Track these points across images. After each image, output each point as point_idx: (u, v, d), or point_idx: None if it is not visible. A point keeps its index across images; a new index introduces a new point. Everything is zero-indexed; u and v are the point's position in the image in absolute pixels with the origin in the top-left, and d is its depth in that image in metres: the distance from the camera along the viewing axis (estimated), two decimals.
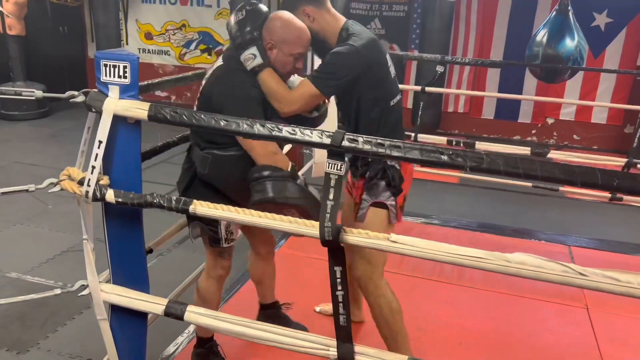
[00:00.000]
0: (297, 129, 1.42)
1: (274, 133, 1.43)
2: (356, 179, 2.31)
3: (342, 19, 2.20)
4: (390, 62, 2.23)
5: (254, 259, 2.63)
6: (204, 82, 2.16)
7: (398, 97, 2.25)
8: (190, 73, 2.67)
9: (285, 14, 2.10)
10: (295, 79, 2.23)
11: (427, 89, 4.12)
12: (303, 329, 2.60)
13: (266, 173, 1.87)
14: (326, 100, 2.31)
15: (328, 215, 1.37)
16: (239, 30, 2.03)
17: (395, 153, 1.31)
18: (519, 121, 7.38)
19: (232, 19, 2.06)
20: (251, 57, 2.01)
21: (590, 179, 1.15)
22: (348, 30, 2.13)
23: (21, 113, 7.23)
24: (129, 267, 1.87)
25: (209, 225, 2.19)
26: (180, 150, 2.53)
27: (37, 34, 7.72)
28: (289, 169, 1.93)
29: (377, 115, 2.18)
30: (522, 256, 1.28)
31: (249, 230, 2.43)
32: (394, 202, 2.22)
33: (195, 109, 2.07)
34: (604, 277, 1.20)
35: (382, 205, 2.21)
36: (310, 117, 2.27)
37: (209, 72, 2.17)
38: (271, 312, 2.73)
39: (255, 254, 2.60)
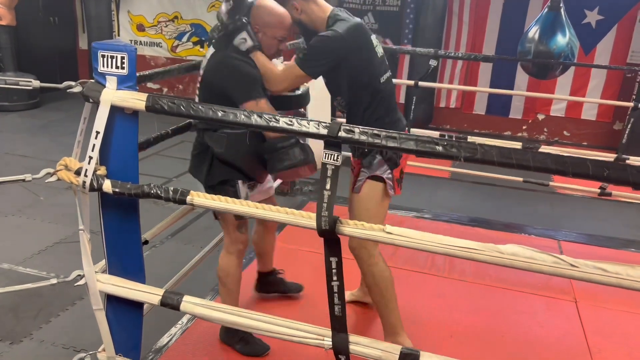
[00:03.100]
0: (294, 120, 1.44)
1: (271, 124, 1.44)
2: (355, 157, 2.45)
3: (329, 8, 2.33)
4: (376, 43, 2.35)
5: (261, 232, 2.82)
6: (201, 72, 2.33)
7: (387, 75, 2.38)
8: (183, 64, 2.68)
9: (268, 1, 2.30)
10: (277, 61, 2.46)
11: (420, 83, 4.15)
12: (299, 287, 3.05)
13: (285, 143, 2.18)
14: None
15: (325, 205, 1.39)
16: (230, 18, 2.24)
17: (391, 144, 1.33)
18: (510, 117, 7.43)
19: (223, 8, 2.26)
20: (243, 40, 2.23)
21: (582, 169, 1.18)
22: (334, 18, 2.28)
23: (11, 104, 7.15)
24: (125, 258, 1.88)
25: None
26: (171, 142, 2.55)
27: (27, 24, 7.64)
28: None
29: (369, 97, 2.31)
30: (514, 247, 1.31)
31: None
32: (390, 175, 2.35)
33: (196, 99, 2.28)
34: (593, 269, 1.23)
35: (378, 179, 2.35)
36: (293, 95, 2.49)
37: (205, 62, 2.32)
38: (270, 278, 2.99)
39: (263, 227, 2.79)
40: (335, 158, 1.38)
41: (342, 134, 1.37)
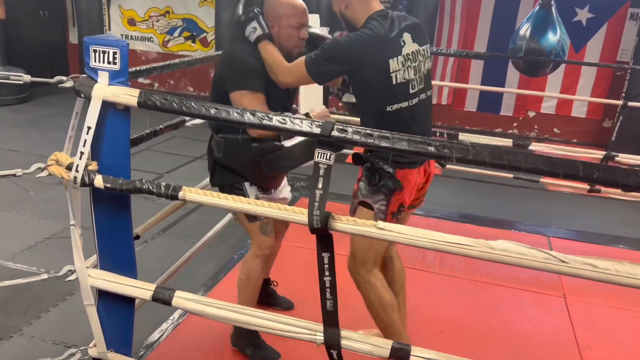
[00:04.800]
0: (287, 119, 1.44)
1: (264, 122, 1.44)
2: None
3: (372, 10, 2.14)
4: (398, 67, 2.05)
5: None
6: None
7: (401, 105, 2.09)
8: (177, 60, 2.67)
9: None
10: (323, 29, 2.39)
11: None
12: (289, 304, 2.92)
13: (271, 150, 2.12)
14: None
15: (317, 204, 1.39)
16: (243, 11, 2.24)
17: (383, 143, 1.34)
18: (501, 114, 7.47)
19: (239, 5, 2.25)
20: (253, 30, 2.19)
21: (572, 171, 1.19)
22: (367, 23, 2.10)
23: (1, 98, 7.09)
24: (116, 253, 1.87)
25: None
26: (163, 138, 2.54)
27: (17, 18, 7.56)
28: None
29: (372, 123, 2.06)
30: (505, 243, 1.33)
31: None
32: (383, 207, 2.13)
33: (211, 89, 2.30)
34: (583, 264, 1.25)
35: (367, 205, 2.17)
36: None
37: None
38: (263, 288, 2.74)
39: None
40: (328, 157, 1.37)
41: (335, 133, 1.37)
